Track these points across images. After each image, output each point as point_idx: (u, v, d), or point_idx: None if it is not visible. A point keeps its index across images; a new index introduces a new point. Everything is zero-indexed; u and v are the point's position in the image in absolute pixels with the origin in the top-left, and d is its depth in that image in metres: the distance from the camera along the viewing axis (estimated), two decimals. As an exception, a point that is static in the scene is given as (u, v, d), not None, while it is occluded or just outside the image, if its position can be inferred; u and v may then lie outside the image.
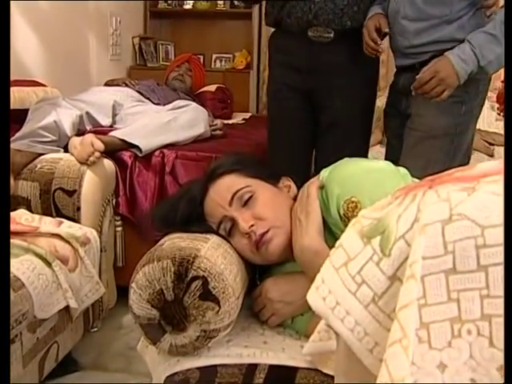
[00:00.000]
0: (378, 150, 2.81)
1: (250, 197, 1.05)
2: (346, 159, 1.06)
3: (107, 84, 2.86)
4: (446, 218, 0.58)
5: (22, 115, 2.17)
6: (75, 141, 1.85)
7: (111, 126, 2.33)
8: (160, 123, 2.07)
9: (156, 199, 1.95)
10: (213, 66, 4.49)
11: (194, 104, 2.25)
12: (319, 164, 1.91)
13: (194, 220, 1.08)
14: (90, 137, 1.80)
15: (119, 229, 1.96)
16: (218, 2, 4.33)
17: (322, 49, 1.76)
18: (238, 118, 3.17)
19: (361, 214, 0.68)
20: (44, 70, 2.93)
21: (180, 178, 1.94)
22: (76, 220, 1.77)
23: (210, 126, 2.27)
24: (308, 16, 1.77)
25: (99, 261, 1.77)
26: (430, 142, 1.56)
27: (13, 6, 2.51)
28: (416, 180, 1.14)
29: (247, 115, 3.33)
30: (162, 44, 4.49)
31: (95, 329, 1.86)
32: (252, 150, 2.11)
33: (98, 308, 1.82)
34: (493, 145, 3.16)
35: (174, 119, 2.12)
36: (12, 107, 2.25)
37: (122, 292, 2.07)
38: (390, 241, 0.60)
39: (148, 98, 2.62)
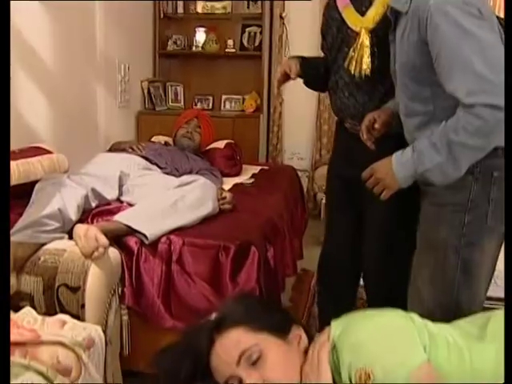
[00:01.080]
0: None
1: (259, 356, 0.99)
2: (357, 314, 1.00)
3: (114, 149, 2.81)
4: None
5: (27, 189, 2.14)
6: (79, 230, 1.79)
7: (118, 199, 2.29)
8: (167, 205, 2.01)
9: (163, 288, 1.88)
10: (222, 107, 4.45)
11: (202, 180, 2.19)
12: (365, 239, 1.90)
13: (199, 376, 1.02)
14: (94, 231, 1.74)
15: (125, 317, 1.90)
16: (228, 43, 4.29)
17: (356, 139, 1.71)
18: (247, 175, 3.10)
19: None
20: (50, 128, 2.90)
21: (187, 266, 1.88)
22: (80, 317, 1.71)
23: (219, 200, 2.20)
24: (336, 108, 1.88)
25: (104, 357, 1.71)
26: (432, 253, 1.46)
27: (15, 62, 2.48)
28: (427, 322, 1.08)
29: (257, 169, 3.27)
30: (172, 85, 4.46)
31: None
32: (261, 234, 2.04)
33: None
34: None
35: (182, 198, 2.06)
36: (17, 182, 2.23)
37: (128, 376, 2.03)
38: None
39: (155, 164, 2.56)
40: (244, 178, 3.05)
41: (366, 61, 1.66)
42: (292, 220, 2.66)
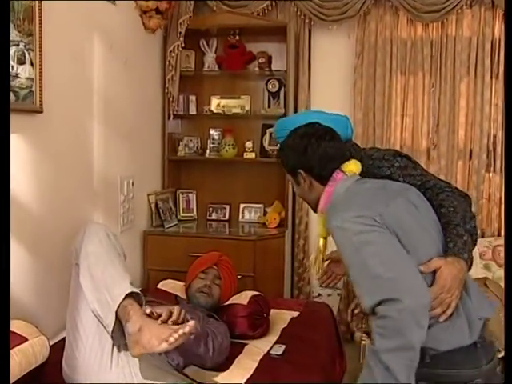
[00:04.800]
0: None
1: None
2: None
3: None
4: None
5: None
6: None
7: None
8: None
9: None
10: (240, 217, 3.90)
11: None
12: None
13: None
14: None
15: None
16: (246, 145, 3.77)
17: None
18: (274, 330, 2.50)
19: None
20: (32, 285, 2.34)
21: None
22: None
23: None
24: None
25: None
26: None
27: None
28: None
29: (284, 316, 2.66)
30: (183, 193, 3.93)
31: None
32: None
33: None
34: None
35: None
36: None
37: None
38: None
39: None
40: (271, 338, 2.43)
41: (322, 264, 1.96)
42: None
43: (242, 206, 3.91)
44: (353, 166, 1.72)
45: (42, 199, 2.36)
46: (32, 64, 2.21)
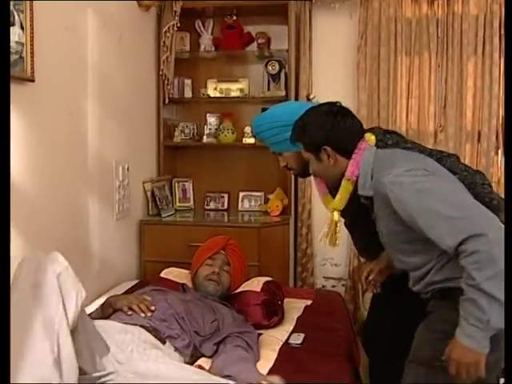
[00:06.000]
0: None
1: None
2: None
3: (104, 310, 1.99)
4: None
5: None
6: None
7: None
8: None
9: None
10: (240, 206, 3.71)
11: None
12: None
13: None
14: None
15: None
16: (246, 131, 3.58)
17: None
18: (289, 322, 2.31)
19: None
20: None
21: None
22: None
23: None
24: None
25: None
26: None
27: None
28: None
29: (297, 305, 2.48)
30: (179, 181, 3.72)
31: None
32: None
33: None
34: None
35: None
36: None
37: None
38: None
39: (168, 336, 1.78)
40: (286, 327, 2.25)
41: (336, 236, 1.95)
42: None
43: (241, 194, 3.72)
44: (371, 137, 1.84)
45: (33, 177, 2.15)
46: (22, 28, 2.00)
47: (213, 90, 3.72)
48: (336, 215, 1.92)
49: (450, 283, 1.56)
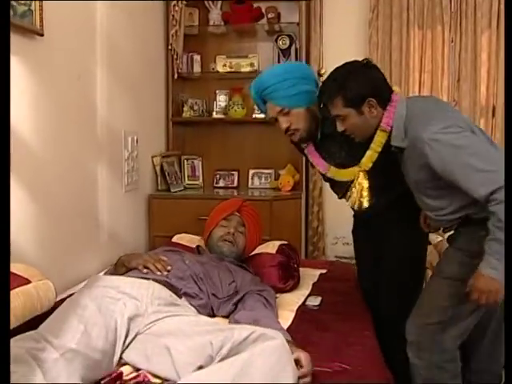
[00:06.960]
0: None
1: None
2: None
3: (118, 268, 1.93)
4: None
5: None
6: None
7: (120, 358, 1.44)
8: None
9: None
10: (250, 184, 3.65)
11: (267, 333, 1.33)
12: None
13: None
14: None
15: None
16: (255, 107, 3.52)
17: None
18: (305, 287, 2.24)
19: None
20: (34, 232, 2.07)
21: None
22: None
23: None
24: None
25: None
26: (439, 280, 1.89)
27: None
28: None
29: (314, 274, 2.41)
30: (187, 159, 3.66)
31: None
32: None
33: None
34: None
35: (245, 372, 1.21)
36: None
37: None
38: None
39: (184, 293, 1.72)
40: (303, 292, 2.19)
41: (366, 199, 1.99)
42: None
43: (251, 171, 3.66)
44: (399, 89, 1.93)
45: (42, 137, 2.09)
46: (31, -21, 1.94)
47: (222, 66, 3.66)
48: (363, 177, 1.98)
49: (469, 216, 1.77)
